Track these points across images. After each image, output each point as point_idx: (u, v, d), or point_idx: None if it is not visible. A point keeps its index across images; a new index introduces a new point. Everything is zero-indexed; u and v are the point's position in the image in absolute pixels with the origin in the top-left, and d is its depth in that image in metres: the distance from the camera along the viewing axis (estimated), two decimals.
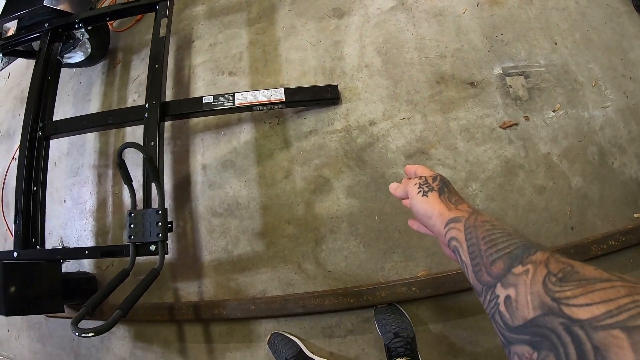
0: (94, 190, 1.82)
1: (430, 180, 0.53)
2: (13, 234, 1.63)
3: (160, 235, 1.34)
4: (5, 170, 2.24)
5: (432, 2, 1.75)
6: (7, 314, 1.45)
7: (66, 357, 1.80)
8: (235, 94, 1.51)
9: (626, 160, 1.45)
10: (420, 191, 0.52)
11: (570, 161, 1.49)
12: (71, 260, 1.74)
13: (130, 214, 1.38)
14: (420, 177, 0.54)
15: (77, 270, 1.81)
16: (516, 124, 1.54)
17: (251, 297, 1.46)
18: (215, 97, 1.51)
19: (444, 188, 0.52)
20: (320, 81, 1.60)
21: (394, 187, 0.60)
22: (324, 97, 1.54)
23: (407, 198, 0.55)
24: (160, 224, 1.35)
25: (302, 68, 1.63)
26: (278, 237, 1.47)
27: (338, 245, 1.44)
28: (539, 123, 1.53)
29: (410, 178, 0.59)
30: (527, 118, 1.55)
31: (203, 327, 1.53)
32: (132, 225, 1.37)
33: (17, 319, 2.05)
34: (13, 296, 1.45)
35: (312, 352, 1.42)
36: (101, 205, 1.78)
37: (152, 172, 1.38)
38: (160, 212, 1.36)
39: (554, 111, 1.55)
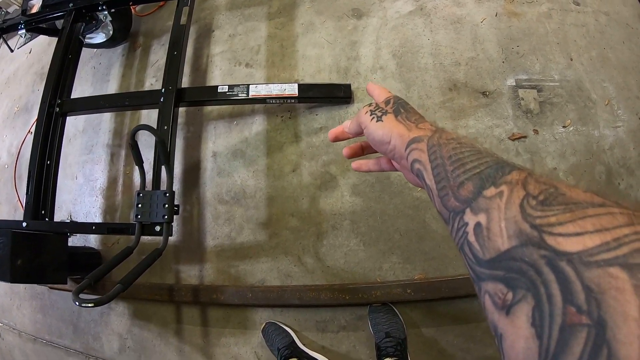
0: (106, 168, 1.86)
1: (382, 105, 0.46)
2: (23, 205, 1.67)
3: (166, 217, 1.38)
4: (20, 143, 2.29)
5: (451, 10, 1.76)
6: (12, 281, 1.49)
7: (65, 329, 1.84)
8: (250, 86, 1.54)
9: (633, 182, 1.45)
10: (373, 117, 0.45)
11: (577, 178, 1.49)
12: (78, 235, 1.78)
13: (138, 194, 1.42)
14: (370, 104, 0.47)
15: (83, 245, 1.85)
16: (525, 137, 1.54)
17: (250, 285, 1.49)
18: (230, 87, 1.54)
19: (400, 109, 0.45)
20: (335, 79, 1.62)
21: (347, 124, 0.52)
22: (337, 95, 1.57)
23: (361, 132, 0.48)
24: (167, 205, 1.38)
25: (317, 65, 1.65)
26: (281, 228, 1.50)
27: (339, 242, 1.46)
28: (548, 137, 1.54)
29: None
30: (536, 132, 1.55)
31: (200, 310, 1.56)
32: (140, 205, 1.41)
33: (20, 288, 2.10)
34: (19, 264, 1.50)
35: (304, 345, 1.45)
36: (112, 184, 1.83)
37: (163, 155, 1.41)
38: (167, 194, 1.39)
39: (564, 127, 1.56)
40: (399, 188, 1.47)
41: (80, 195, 1.89)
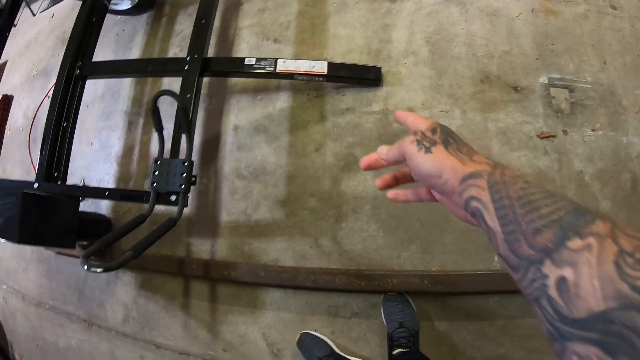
0: (123, 136, 1.83)
1: (429, 134, 0.43)
2: (36, 168, 1.64)
3: (182, 186, 1.34)
4: (37, 107, 2.25)
5: (487, 1, 1.72)
6: (20, 242, 1.46)
7: (70, 295, 1.81)
8: (278, 60, 1.50)
9: None
10: (420, 148, 0.42)
11: (602, 183, 1.46)
12: (89, 201, 1.74)
13: (156, 161, 1.38)
14: (415, 133, 0.44)
15: (94, 212, 1.81)
16: (554, 136, 1.51)
17: (263, 264, 1.45)
18: (258, 60, 1.51)
19: (449, 139, 0.42)
20: (365, 61, 1.58)
21: (384, 151, 0.47)
22: (366, 77, 1.53)
23: (402, 161, 0.45)
24: (184, 175, 1.35)
25: (348, 45, 1.62)
26: (299, 208, 1.46)
27: (358, 226, 1.43)
28: (576, 139, 1.50)
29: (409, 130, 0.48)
30: (565, 132, 1.52)
31: (210, 285, 1.53)
32: (157, 173, 1.37)
33: (27, 251, 2.07)
34: (28, 225, 1.46)
35: (342, 352, 1.40)
36: (127, 151, 1.79)
37: (185, 123, 1.38)
38: (186, 163, 1.36)
39: (593, 130, 1.52)
40: None
41: (95, 162, 1.86)
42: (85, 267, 1.07)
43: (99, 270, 1.07)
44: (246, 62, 1.51)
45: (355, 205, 1.44)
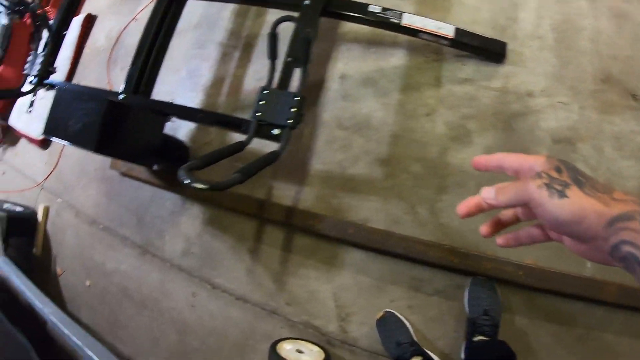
0: (215, 67, 1.75)
1: (554, 174, 0.38)
2: (125, 80, 1.56)
3: (290, 121, 1.26)
4: (122, 29, 2.20)
5: (617, 2, 1.64)
6: (96, 151, 1.38)
7: (128, 219, 1.74)
8: (404, 14, 1.41)
9: None
10: (552, 193, 0.37)
11: None
12: (176, 121, 1.64)
13: (264, 90, 1.30)
14: (539, 174, 0.39)
15: (173, 135, 1.73)
16: None
17: (351, 221, 1.37)
18: (384, 9, 1.42)
19: (579, 177, 0.37)
20: (490, 35, 1.50)
21: (491, 195, 0.44)
22: (492, 50, 1.44)
23: (518, 205, 0.41)
24: (294, 110, 1.27)
25: (473, 16, 1.53)
26: (400, 171, 1.37)
27: (459, 201, 1.33)
28: None
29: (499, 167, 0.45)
30: None
31: (287, 234, 1.45)
32: (263, 102, 1.29)
33: (90, 168, 2.01)
34: (108, 134, 1.39)
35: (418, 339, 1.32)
36: (218, 82, 1.71)
37: (304, 55, 1.30)
38: (298, 97, 1.27)
39: None
40: None
41: (181, 89, 1.79)
42: (188, 181, 0.98)
43: (203, 187, 0.98)
44: (370, 8, 1.42)
45: (460, 179, 1.35)
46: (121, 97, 1.54)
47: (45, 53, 1.73)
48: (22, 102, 2.77)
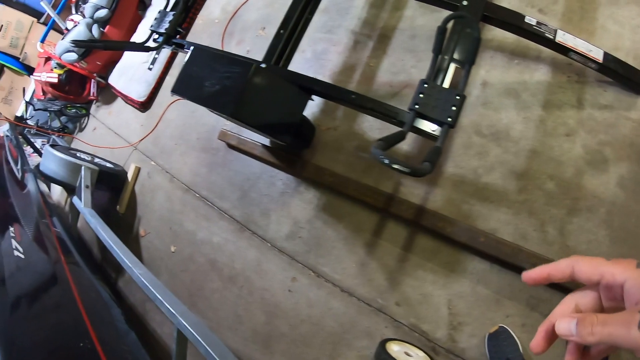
0: (344, 53, 1.70)
1: None
2: (266, 50, 1.50)
3: (450, 119, 1.24)
4: (241, 3, 2.09)
5: None
6: (232, 115, 1.34)
7: (230, 193, 1.68)
8: (558, 30, 1.40)
9: None
10: None
11: None
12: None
13: (424, 83, 1.28)
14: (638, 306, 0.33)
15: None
16: None
17: (482, 230, 1.36)
18: (539, 23, 1.40)
19: None
20: (631, 64, 1.50)
21: (571, 330, 0.35)
22: (635, 80, 1.45)
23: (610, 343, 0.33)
24: (454, 108, 1.24)
25: (615, 42, 1.52)
26: (534, 187, 1.38)
27: (588, 227, 1.35)
28: None
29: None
30: None
31: (410, 232, 1.44)
32: (422, 95, 1.27)
33: (192, 137, 1.94)
34: (249, 100, 1.33)
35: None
36: (347, 69, 1.67)
37: (471, 54, 1.27)
38: (459, 96, 1.25)
39: None
40: None
41: (305, 69, 1.74)
42: (387, 161, 0.96)
43: (405, 170, 0.96)
44: (526, 20, 1.40)
45: (592, 205, 1.36)
46: (263, 65, 1.47)
47: (176, 12, 1.63)
48: (124, 63, 2.72)
